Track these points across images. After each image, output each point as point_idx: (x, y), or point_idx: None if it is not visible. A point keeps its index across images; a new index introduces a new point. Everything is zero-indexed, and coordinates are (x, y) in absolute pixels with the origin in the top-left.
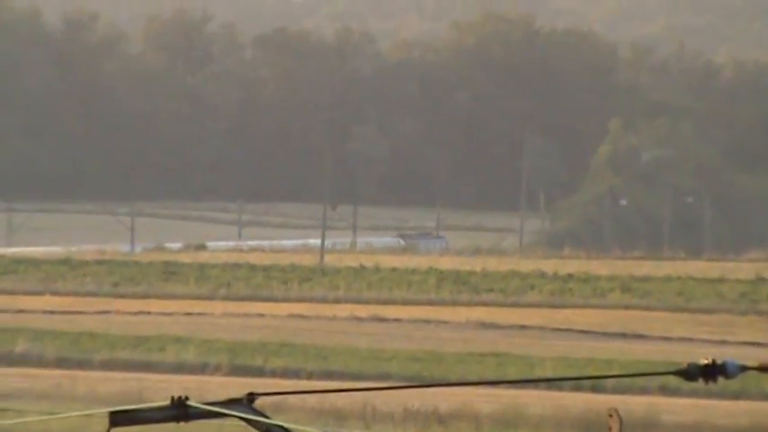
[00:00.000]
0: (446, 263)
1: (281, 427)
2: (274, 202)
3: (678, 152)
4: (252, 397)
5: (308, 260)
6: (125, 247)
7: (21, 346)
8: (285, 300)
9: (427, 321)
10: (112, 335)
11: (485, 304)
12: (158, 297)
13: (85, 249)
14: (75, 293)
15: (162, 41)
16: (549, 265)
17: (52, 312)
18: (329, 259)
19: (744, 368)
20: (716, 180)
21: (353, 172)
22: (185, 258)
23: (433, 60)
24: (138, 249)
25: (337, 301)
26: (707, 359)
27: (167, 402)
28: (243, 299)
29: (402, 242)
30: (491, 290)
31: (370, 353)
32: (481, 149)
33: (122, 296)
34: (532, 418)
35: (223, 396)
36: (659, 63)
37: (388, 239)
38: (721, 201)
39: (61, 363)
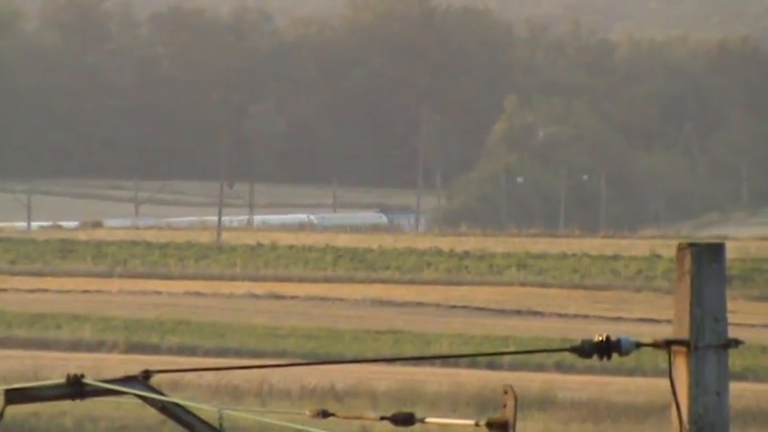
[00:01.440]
0: (343, 240)
1: (177, 404)
2: (171, 179)
3: (574, 130)
4: (148, 374)
5: (205, 238)
6: (21, 225)
7: None
8: (182, 277)
9: (324, 299)
10: (9, 312)
11: (381, 281)
12: (55, 275)
13: None
14: None
15: (58, 19)
16: (445, 243)
17: None
18: (226, 236)
19: (638, 345)
20: (611, 158)
21: (250, 149)
22: (82, 236)
23: (330, 38)
24: (34, 227)
25: (234, 278)
26: (602, 336)
27: (63, 380)
28: (139, 276)
29: (384, 218)
30: (388, 267)
31: (267, 330)
32: (378, 127)
33: (19, 274)
34: (429, 395)
35: (120, 374)
36: (554, 41)
37: (369, 215)
38: (617, 178)
39: None
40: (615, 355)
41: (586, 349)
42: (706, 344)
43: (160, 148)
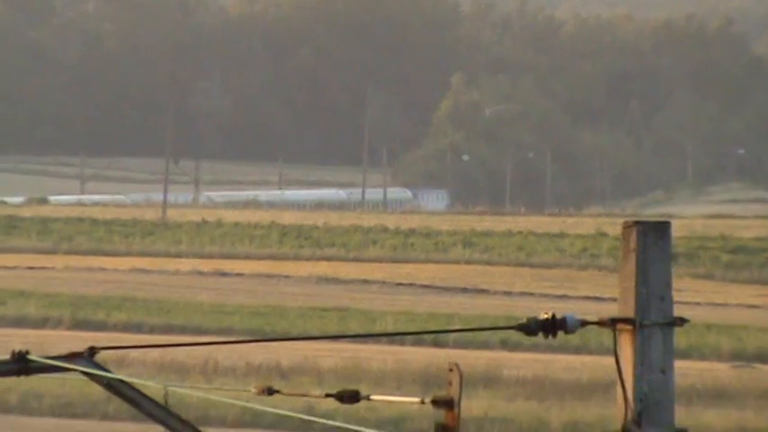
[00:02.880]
0: (288, 217)
1: (123, 381)
2: (117, 156)
3: (519, 107)
4: (93, 351)
5: (151, 214)
6: None
7: None
8: (127, 254)
9: (270, 276)
10: None
11: (327, 259)
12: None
13: None
14: None
15: None
16: (391, 220)
17: None
18: (172, 214)
19: (584, 323)
20: (557, 135)
21: (196, 126)
22: (27, 212)
23: (276, 15)
24: None
25: (179, 255)
26: (547, 314)
27: (8, 356)
28: (85, 253)
29: (409, 193)
30: (333, 244)
31: (213, 307)
32: (324, 104)
33: None
34: (374, 373)
35: (65, 350)
36: (501, 18)
37: (398, 190)
38: (562, 156)
39: None
40: (561, 333)
41: (532, 327)
42: (651, 322)
43: (106, 124)
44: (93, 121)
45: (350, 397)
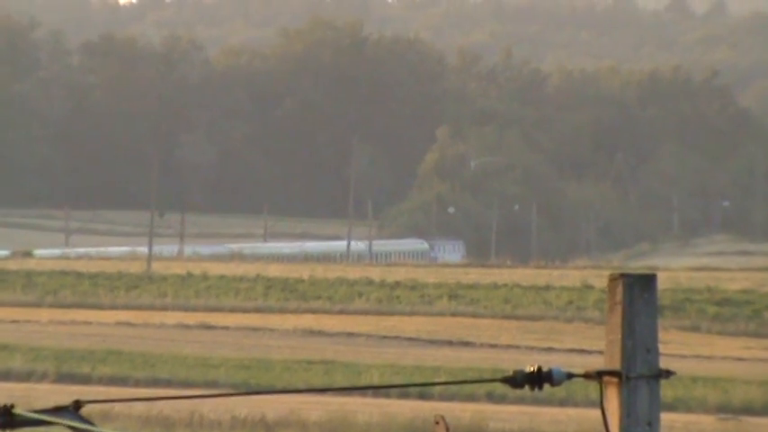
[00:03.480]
0: (274, 270)
1: None
2: (102, 209)
3: (505, 160)
4: (78, 404)
5: (136, 267)
6: None
7: None
8: (112, 307)
9: (255, 329)
10: None
11: (312, 311)
12: None
13: None
14: None
15: None
16: (376, 272)
17: None
18: (157, 266)
19: (570, 375)
20: (543, 188)
21: (181, 179)
22: (12, 266)
23: (261, 67)
24: None
25: (165, 308)
26: (533, 366)
27: None
28: (70, 306)
29: (426, 245)
30: (319, 297)
31: (198, 360)
32: (309, 156)
33: None
34: (360, 425)
35: (50, 404)
36: (486, 71)
37: (411, 241)
38: (548, 208)
39: None
40: (547, 386)
41: (518, 380)
42: (637, 374)
43: (91, 177)
44: (77, 173)
45: None
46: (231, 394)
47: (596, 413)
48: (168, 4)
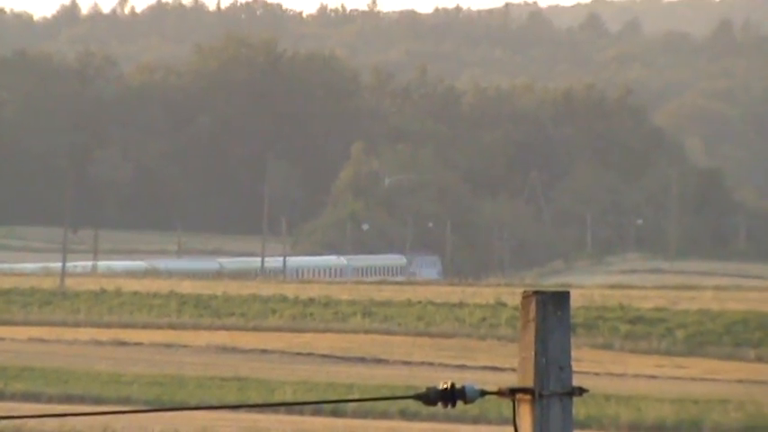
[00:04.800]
0: (187, 287)
1: None
2: (15, 224)
3: (420, 177)
4: None
5: (49, 283)
6: None
7: None
8: (25, 323)
9: (168, 345)
10: None
11: (226, 328)
12: None
13: None
14: None
15: None
16: (290, 289)
17: None
18: (70, 283)
19: (483, 393)
20: (457, 205)
21: (95, 195)
22: None
23: (176, 83)
24: None
25: (78, 324)
26: (446, 383)
27: None
28: None
29: (404, 260)
30: (232, 314)
31: (111, 377)
32: (224, 172)
33: None
34: None
35: None
36: (401, 88)
37: (390, 256)
38: (462, 226)
39: None
40: (460, 403)
41: (431, 397)
42: (550, 392)
43: (4, 193)
44: None
45: None
46: (144, 411)
47: (509, 430)
48: (83, 20)
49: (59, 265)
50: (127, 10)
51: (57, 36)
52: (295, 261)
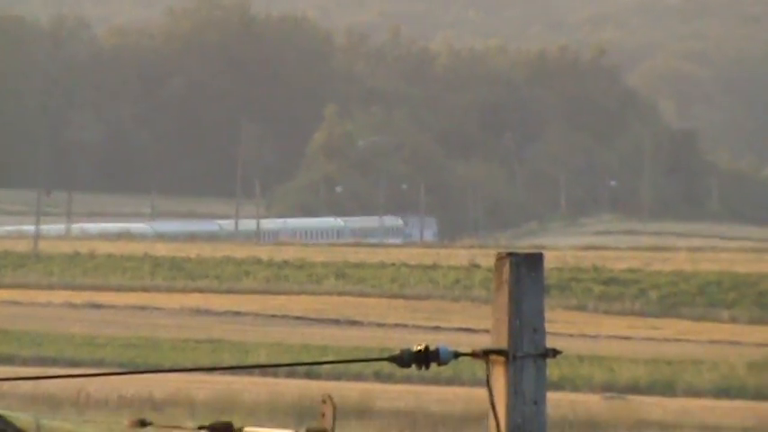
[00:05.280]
0: (161, 249)
1: None
2: None
3: (393, 139)
4: None
5: (23, 246)
6: None
7: None
8: None
9: (142, 308)
10: None
11: (200, 291)
12: None
13: None
14: None
15: None
16: (264, 252)
17: None
18: (44, 246)
19: (457, 354)
20: (431, 167)
21: (68, 158)
22: None
23: (148, 46)
24: None
25: (52, 287)
26: (420, 345)
27: None
28: None
29: (401, 221)
30: (206, 276)
31: (85, 339)
32: (197, 135)
33: None
34: (247, 404)
35: None
36: (374, 50)
37: (386, 218)
38: (436, 188)
39: None
40: (433, 365)
41: (405, 359)
42: (524, 353)
43: None
44: None
45: (223, 429)
46: (118, 373)
47: (483, 392)
48: None
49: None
50: None
51: None
52: (293, 223)
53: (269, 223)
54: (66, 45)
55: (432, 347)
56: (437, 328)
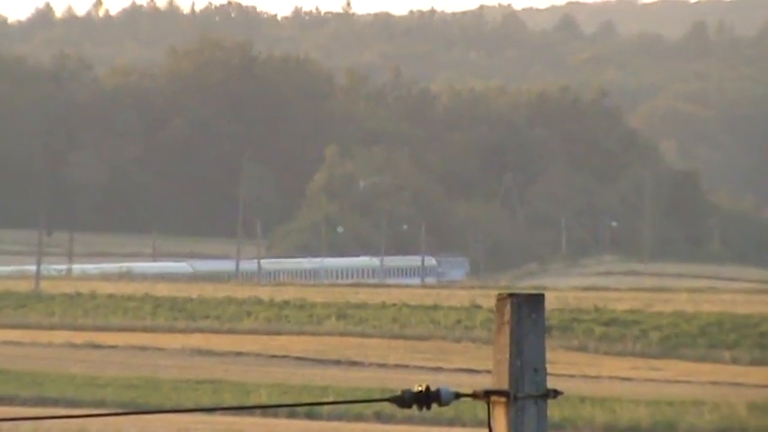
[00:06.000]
0: (162, 289)
1: None
2: None
3: (394, 180)
4: None
5: (24, 286)
6: None
7: None
8: (0, 326)
9: (143, 348)
10: None
11: (201, 331)
12: None
13: None
14: None
15: None
16: (265, 292)
17: None
18: (45, 285)
19: (458, 395)
20: (431, 207)
21: (70, 198)
22: None
23: (150, 86)
24: None
25: (53, 327)
26: (421, 386)
27: None
28: None
29: (434, 261)
30: (207, 316)
31: (86, 380)
32: (198, 175)
33: None
34: None
35: None
36: (375, 90)
37: (412, 257)
38: (437, 228)
39: None
40: (435, 406)
41: (406, 399)
42: (525, 394)
43: None
44: None
45: None
46: (119, 413)
47: None
48: (57, 22)
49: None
50: (101, 12)
51: (31, 39)
52: (328, 262)
53: (306, 263)
54: (68, 85)
55: (433, 388)
56: (438, 369)
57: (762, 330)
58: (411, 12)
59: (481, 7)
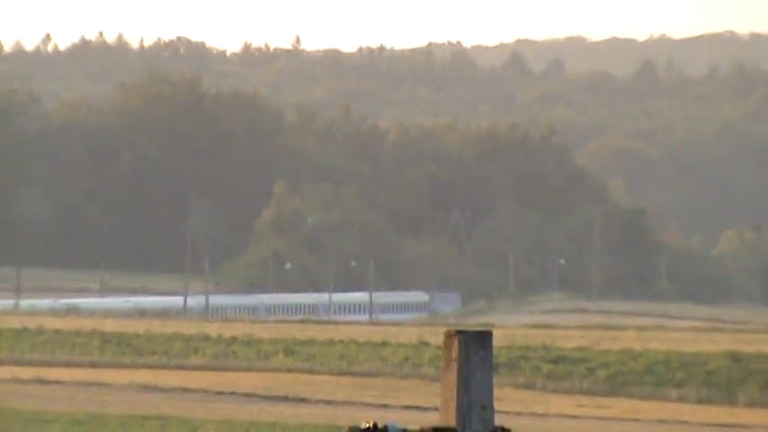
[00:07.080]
0: (110, 325)
1: None
2: None
3: (342, 216)
4: None
5: None
6: None
7: None
8: None
9: (90, 384)
10: None
11: (148, 366)
12: None
13: None
14: None
15: None
16: (213, 328)
17: None
18: None
19: (405, 431)
20: (380, 244)
21: (17, 233)
22: None
23: (99, 121)
24: None
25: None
26: (368, 422)
27: None
28: None
29: (426, 296)
30: (154, 352)
31: (33, 415)
32: (146, 211)
33: None
34: None
35: None
36: (324, 127)
37: (413, 293)
38: (385, 264)
39: None
40: None
41: None
42: (473, 431)
43: None
44: None
45: None
46: None
47: None
48: (5, 57)
49: None
50: (50, 47)
51: None
52: (323, 298)
53: (305, 298)
54: (17, 120)
55: (380, 425)
56: (386, 406)
57: (709, 369)
58: (360, 49)
59: (430, 44)
